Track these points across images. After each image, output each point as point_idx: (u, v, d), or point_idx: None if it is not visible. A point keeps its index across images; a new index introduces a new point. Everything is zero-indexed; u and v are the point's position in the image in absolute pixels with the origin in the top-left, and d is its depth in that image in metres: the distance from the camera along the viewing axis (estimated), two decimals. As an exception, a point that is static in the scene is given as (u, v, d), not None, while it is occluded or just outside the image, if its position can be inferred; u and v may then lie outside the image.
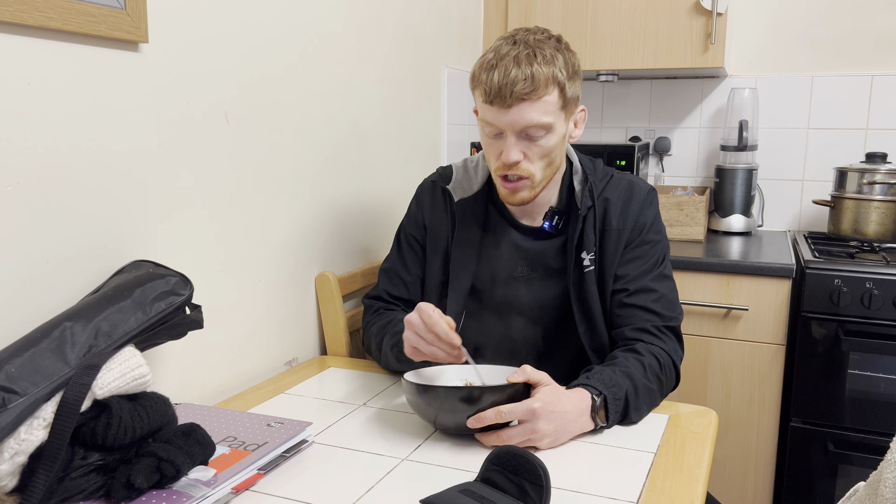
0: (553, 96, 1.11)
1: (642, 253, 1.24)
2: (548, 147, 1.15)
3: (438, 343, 1.05)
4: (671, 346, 1.19)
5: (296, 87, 1.38)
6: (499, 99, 1.10)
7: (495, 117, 1.12)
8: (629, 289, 1.22)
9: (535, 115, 1.10)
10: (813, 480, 1.82)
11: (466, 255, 1.29)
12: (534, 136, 1.13)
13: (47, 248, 0.93)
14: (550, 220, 1.26)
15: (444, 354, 1.06)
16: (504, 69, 1.09)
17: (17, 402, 0.74)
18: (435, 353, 1.06)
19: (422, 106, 1.92)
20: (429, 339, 1.06)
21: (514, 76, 1.08)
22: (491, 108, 1.12)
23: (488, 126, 1.14)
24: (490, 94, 1.10)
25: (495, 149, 1.16)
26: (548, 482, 0.80)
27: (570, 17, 2.13)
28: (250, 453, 0.90)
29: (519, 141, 1.13)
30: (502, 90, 1.09)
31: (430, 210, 1.34)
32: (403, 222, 1.38)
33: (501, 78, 1.08)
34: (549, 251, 1.27)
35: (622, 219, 1.24)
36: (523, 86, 1.08)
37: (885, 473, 0.63)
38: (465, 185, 1.31)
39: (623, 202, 1.25)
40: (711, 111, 2.39)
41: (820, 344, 1.77)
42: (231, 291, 1.25)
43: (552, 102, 1.11)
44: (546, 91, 1.10)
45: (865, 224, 2.02)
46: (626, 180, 1.28)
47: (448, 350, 1.05)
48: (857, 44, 2.22)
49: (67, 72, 0.93)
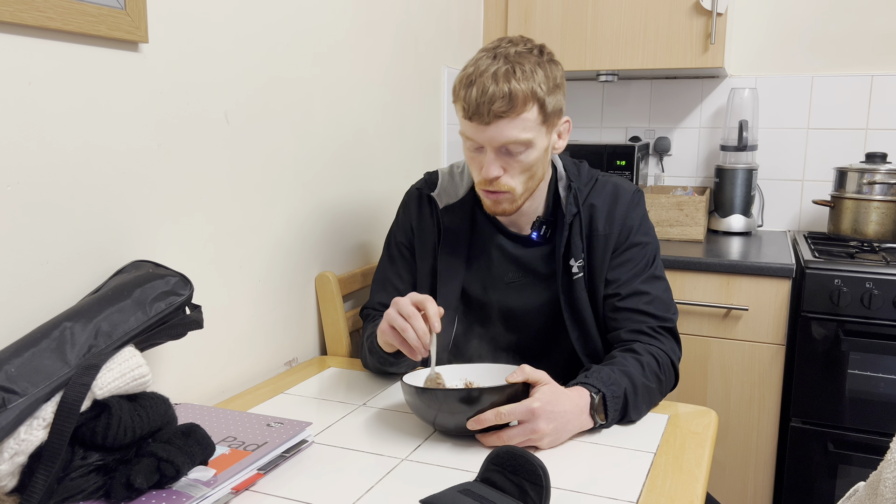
0: (532, 113, 1.10)
1: (631, 256, 1.24)
2: (528, 162, 1.14)
3: (414, 320, 1.04)
4: (669, 346, 1.19)
5: (296, 86, 1.38)
6: (477, 116, 1.09)
7: (474, 133, 1.12)
8: (621, 293, 1.22)
9: (513, 133, 1.10)
10: (813, 480, 1.82)
11: (454, 261, 1.29)
12: (513, 152, 1.13)
13: (47, 248, 0.93)
14: (538, 230, 1.26)
15: (413, 335, 1.04)
16: (482, 86, 1.08)
17: (17, 402, 0.74)
18: (405, 329, 1.04)
19: (422, 106, 1.92)
20: (408, 311, 1.04)
21: (491, 93, 1.07)
22: (470, 124, 1.12)
23: (468, 140, 1.15)
24: (469, 111, 1.10)
25: (477, 162, 1.17)
26: (548, 482, 0.80)
27: (570, 17, 2.13)
28: (250, 453, 0.90)
29: (499, 157, 1.13)
30: (480, 108, 1.08)
31: (416, 217, 1.33)
32: (392, 230, 1.38)
33: (479, 95, 1.08)
34: (538, 258, 1.27)
35: (608, 223, 1.24)
36: (501, 104, 1.08)
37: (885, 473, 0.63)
38: (451, 192, 1.31)
39: (608, 206, 1.24)
40: (711, 111, 2.39)
41: (820, 344, 1.77)
42: (231, 291, 1.25)
43: (531, 119, 1.11)
44: (525, 108, 1.09)
45: (865, 224, 2.02)
46: (610, 184, 1.27)
47: (421, 330, 1.04)
48: (857, 44, 2.22)
49: (67, 72, 0.93)
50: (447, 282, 1.28)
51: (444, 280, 1.29)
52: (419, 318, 1.05)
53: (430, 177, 1.35)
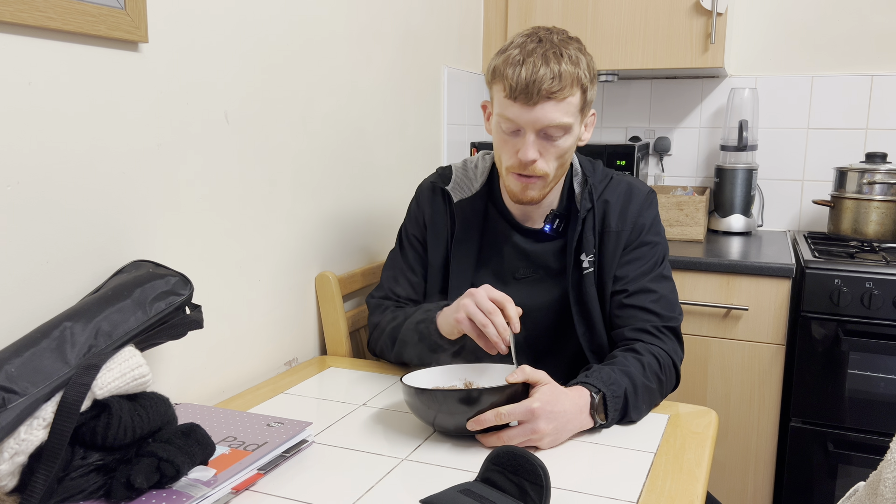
0: (576, 97, 1.11)
1: (641, 254, 1.24)
2: (564, 148, 1.14)
3: (495, 316, 1.03)
4: (671, 347, 1.19)
5: (296, 87, 1.38)
6: (524, 95, 1.09)
7: (517, 114, 1.11)
8: (628, 290, 1.22)
9: (557, 115, 1.10)
10: (813, 480, 1.82)
11: (467, 255, 1.29)
12: (552, 136, 1.12)
13: (47, 248, 0.93)
14: (551, 223, 1.26)
15: (494, 331, 1.03)
16: (532, 65, 1.07)
17: (17, 402, 0.74)
18: (486, 325, 1.03)
19: (422, 106, 1.92)
20: (487, 307, 1.04)
21: (542, 74, 1.07)
22: (514, 105, 1.10)
23: (507, 122, 1.13)
24: (515, 90, 1.09)
25: (511, 146, 1.15)
26: (548, 482, 0.80)
27: (570, 17, 2.13)
28: (250, 453, 0.90)
29: (538, 140, 1.13)
30: (529, 87, 1.08)
31: (429, 210, 1.34)
32: (405, 223, 1.38)
33: (530, 74, 1.07)
34: (549, 253, 1.27)
35: (621, 221, 1.24)
36: (551, 84, 1.07)
37: (885, 473, 0.63)
38: (465, 186, 1.31)
39: (622, 204, 1.25)
40: (711, 111, 2.39)
41: (820, 344, 1.77)
42: (231, 291, 1.25)
43: (574, 104, 1.11)
44: (571, 91, 1.10)
45: (865, 224, 2.02)
46: (625, 182, 1.28)
47: (501, 326, 1.03)
48: (857, 44, 2.22)
49: (67, 72, 0.93)
50: (459, 275, 1.29)
51: (456, 273, 1.29)
52: (499, 315, 1.04)
53: (444, 171, 1.35)
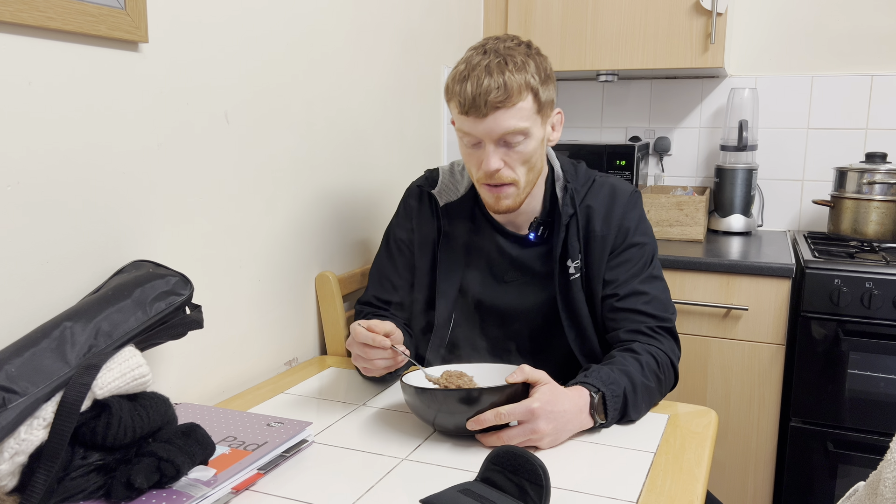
0: (527, 102, 1.12)
1: (629, 256, 1.24)
2: (527, 152, 1.15)
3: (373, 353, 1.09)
4: (668, 346, 1.19)
5: (296, 86, 1.38)
6: (474, 109, 1.10)
7: (472, 127, 1.13)
8: (619, 293, 1.22)
9: (511, 122, 1.11)
10: (813, 480, 1.82)
11: (454, 258, 1.29)
12: (512, 143, 1.14)
13: (47, 248, 0.93)
14: (536, 231, 1.27)
15: (383, 362, 1.10)
16: (477, 79, 1.10)
17: (17, 401, 0.74)
18: (376, 363, 1.10)
19: (422, 106, 1.92)
20: (363, 352, 1.09)
21: (486, 85, 1.09)
22: (467, 119, 1.12)
23: (466, 136, 1.15)
24: (465, 105, 1.11)
25: (475, 158, 1.17)
26: (548, 482, 0.80)
27: (570, 17, 2.13)
28: (250, 453, 0.90)
29: (497, 148, 1.14)
30: (476, 100, 1.10)
31: (417, 214, 1.34)
32: (392, 225, 1.38)
33: (475, 88, 1.09)
34: (535, 258, 1.28)
35: (606, 224, 1.24)
36: (497, 94, 1.09)
37: (885, 473, 0.63)
38: (451, 189, 1.31)
39: (606, 207, 1.25)
40: (711, 111, 2.39)
41: (820, 344, 1.77)
42: (231, 291, 1.25)
43: (527, 108, 1.12)
44: (520, 97, 1.11)
45: (865, 224, 2.02)
46: (608, 184, 1.28)
47: (385, 355, 1.09)
48: (857, 44, 2.22)
49: (67, 72, 0.93)
50: (446, 279, 1.29)
51: (443, 277, 1.29)
52: (365, 355, 1.09)
53: (431, 174, 1.36)
